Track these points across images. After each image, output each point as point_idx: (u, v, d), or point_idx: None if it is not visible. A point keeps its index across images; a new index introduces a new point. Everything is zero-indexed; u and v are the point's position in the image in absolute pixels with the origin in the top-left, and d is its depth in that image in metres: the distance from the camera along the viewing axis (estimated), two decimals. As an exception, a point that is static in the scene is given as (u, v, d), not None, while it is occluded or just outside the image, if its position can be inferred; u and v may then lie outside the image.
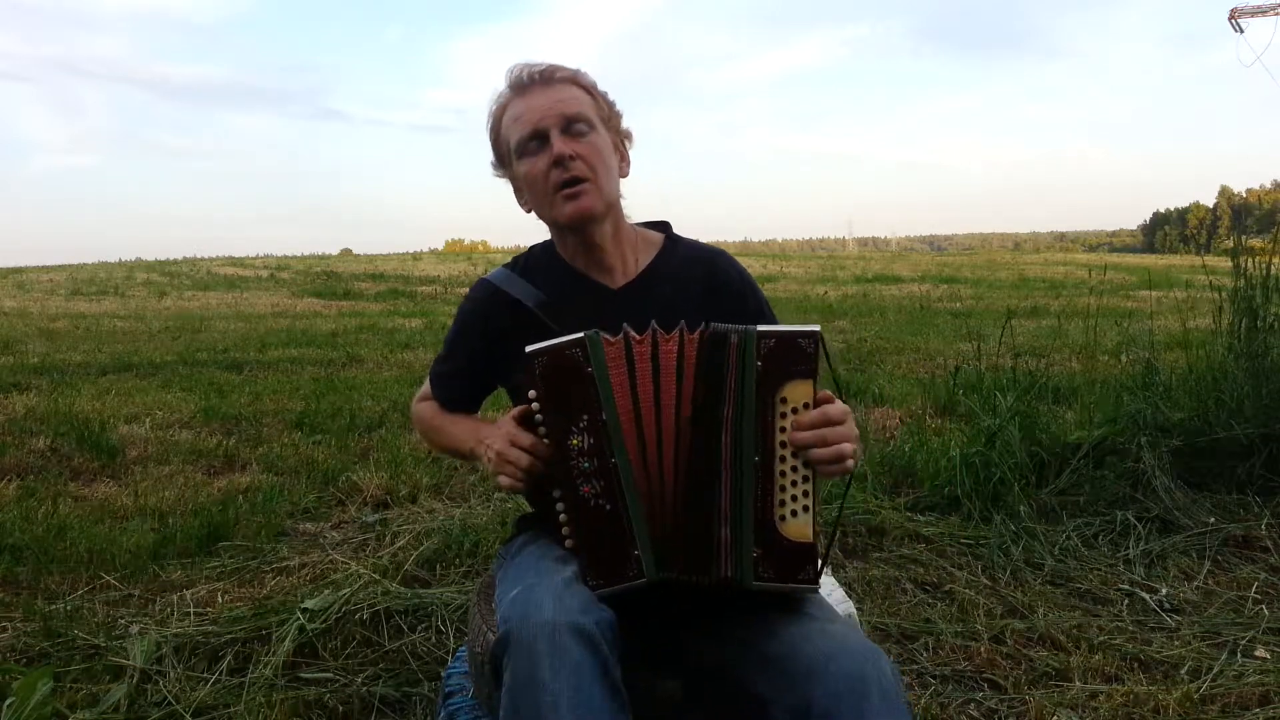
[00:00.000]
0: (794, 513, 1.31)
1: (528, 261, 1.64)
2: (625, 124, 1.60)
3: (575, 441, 1.31)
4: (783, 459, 1.31)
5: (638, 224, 1.65)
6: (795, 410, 1.31)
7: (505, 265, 1.65)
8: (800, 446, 1.30)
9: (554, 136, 1.48)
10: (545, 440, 1.36)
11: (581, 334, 1.32)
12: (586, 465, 1.31)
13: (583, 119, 1.50)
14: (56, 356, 7.97)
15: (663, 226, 1.67)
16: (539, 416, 1.36)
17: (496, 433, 1.44)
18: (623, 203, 1.60)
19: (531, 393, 1.35)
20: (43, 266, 27.66)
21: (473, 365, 1.65)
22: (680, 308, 1.41)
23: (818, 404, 1.32)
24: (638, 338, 1.34)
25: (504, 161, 1.58)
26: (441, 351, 1.70)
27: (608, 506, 1.31)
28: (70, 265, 28.64)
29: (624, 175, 1.59)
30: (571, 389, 1.31)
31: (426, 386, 1.73)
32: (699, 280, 1.59)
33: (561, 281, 1.58)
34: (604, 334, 1.34)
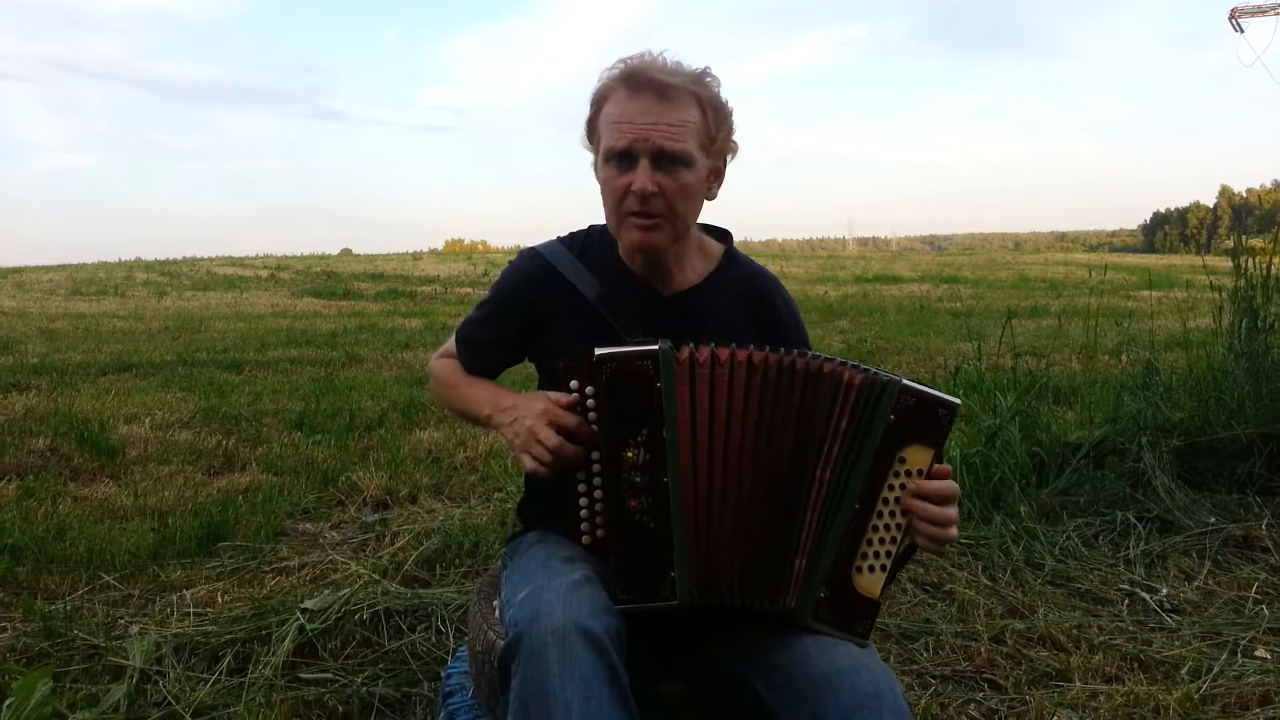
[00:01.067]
0: (871, 568, 1.30)
1: (585, 244, 1.57)
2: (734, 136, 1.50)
3: (630, 454, 1.29)
4: (879, 514, 1.30)
5: (700, 225, 1.59)
6: (910, 474, 1.30)
7: (561, 240, 1.59)
8: (918, 515, 1.29)
9: (642, 164, 1.39)
10: (595, 449, 1.32)
11: (655, 346, 1.29)
12: (638, 480, 1.29)
13: (681, 155, 1.40)
14: (56, 356, 7.96)
15: (724, 235, 1.62)
16: (595, 426, 1.33)
17: (530, 407, 1.38)
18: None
19: (589, 394, 1.33)
20: (42, 266, 27.64)
21: (508, 337, 1.58)
22: (731, 324, 1.38)
23: (933, 475, 1.30)
24: (701, 356, 1.30)
25: (593, 142, 1.49)
26: (475, 314, 1.62)
27: (652, 524, 1.29)
28: (70, 265, 28.62)
29: (711, 198, 1.51)
30: (636, 401, 1.29)
31: (450, 344, 1.66)
32: (751, 301, 1.57)
33: (615, 276, 1.53)
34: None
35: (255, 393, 6.11)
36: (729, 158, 1.52)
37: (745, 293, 1.58)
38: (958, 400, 1.30)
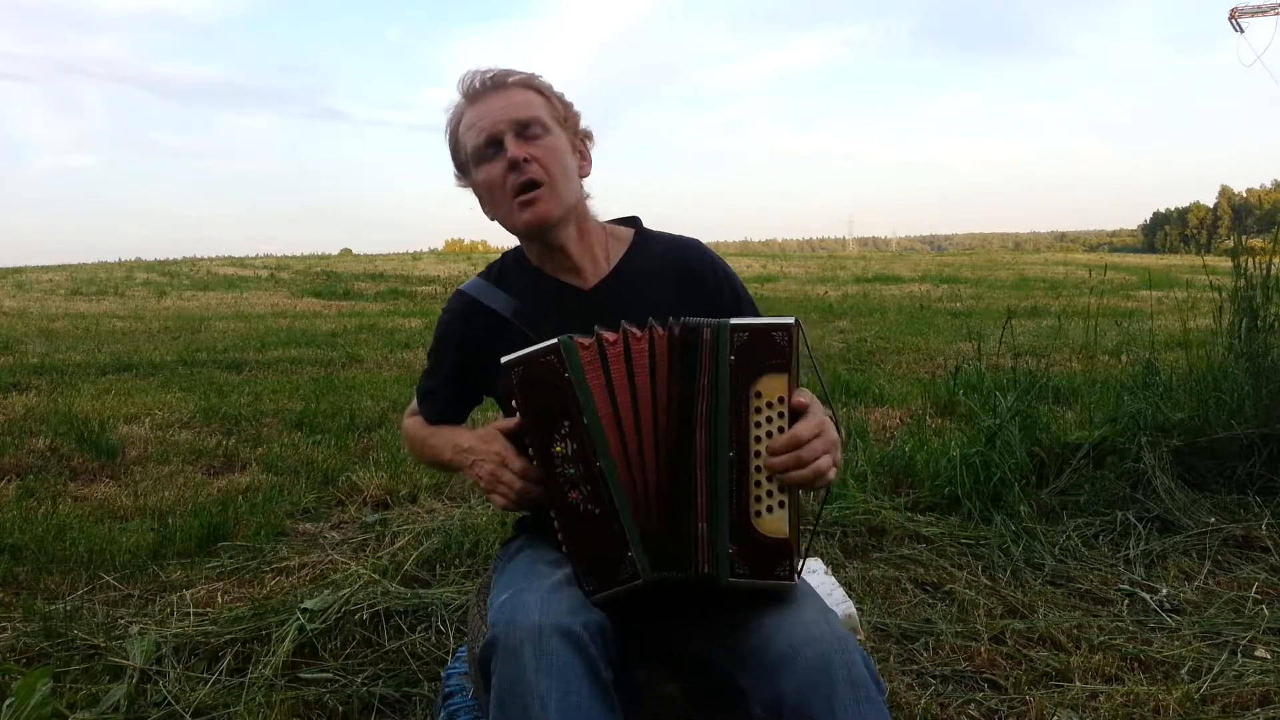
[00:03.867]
0: (769, 509, 1.29)
1: (501, 269, 1.64)
2: (584, 124, 1.60)
3: (559, 449, 1.30)
4: (756, 454, 1.29)
5: (607, 221, 1.64)
6: (770, 404, 1.29)
7: (479, 274, 1.64)
8: (775, 470, 1.28)
9: (508, 140, 1.47)
10: (530, 451, 1.35)
11: (555, 340, 1.31)
12: (572, 471, 1.30)
13: (537, 122, 1.49)
14: (56, 356, 7.97)
15: (632, 222, 1.66)
16: (522, 430, 1.35)
17: (485, 449, 1.44)
18: (589, 202, 1.59)
19: (512, 402, 1.35)
20: (42, 266, 27.65)
21: (455, 378, 1.64)
22: (656, 302, 1.40)
23: (793, 403, 1.28)
24: (610, 338, 1.33)
25: (464, 171, 1.57)
26: (426, 367, 1.70)
27: (597, 510, 1.30)
28: (70, 265, 28.64)
29: (585, 175, 1.58)
30: (550, 396, 1.30)
31: (415, 403, 1.73)
32: (673, 273, 1.58)
33: (533, 286, 1.57)
34: (577, 337, 1.32)
35: (255, 393, 6.11)
36: (589, 143, 1.60)
37: (667, 266, 1.59)
38: (790, 319, 1.29)
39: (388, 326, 11.51)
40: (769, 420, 1.29)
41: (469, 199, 1.59)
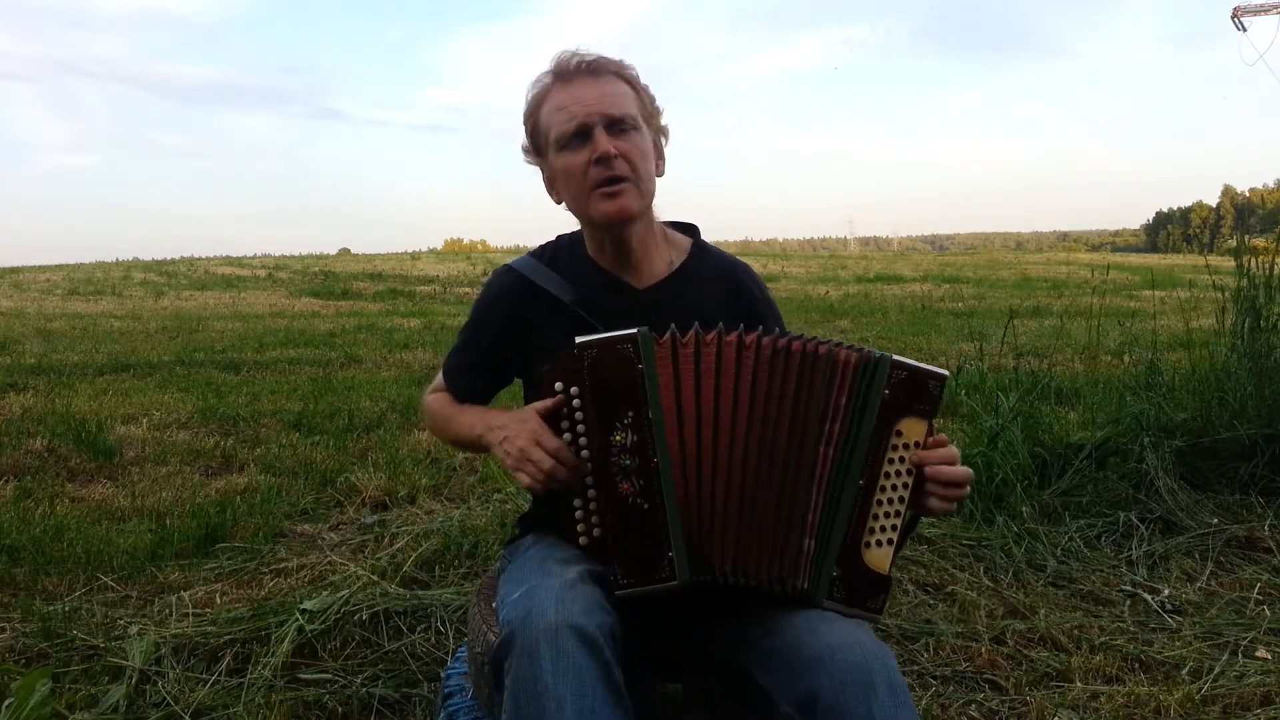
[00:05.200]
0: (879, 542, 1.32)
1: (554, 252, 1.61)
2: (664, 120, 1.57)
3: (618, 438, 1.30)
4: (883, 489, 1.32)
5: (665, 223, 1.63)
6: (907, 445, 1.32)
7: (531, 254, 1.62)
8: (935, 479, 1.33)
9: (597, 133, 1.45)
10: (583, 437, 1.34)
11: (634, 330, 1.31)
12: (628, 463, 1.30)
13: (628, 119, 1.47)
14: (53, 357, 7.95)
15: (691, 230, 1.66)
16: (579, 415, 1.34)
17: (520, 427, 1.39)
18: (654, 201, 1.57)
19: (573, 389, 1.33)
20: (40, 266, 27.63)
21: (492, 356, 1.61)
22: (703, 314, 1.39)
23: (930, 445, 1.34)
24: (683, 339, 1.33)
25: (540, 150, 1.54)
26: (457, 342, 1.65)
27: (645, 505, 1.30)
28: (67, 265, 28.61)
29: (660, 174, 1.56)
30: (620, 384, 1.30)
31: (439, 379, 1.68)
32: (723, 291, 1.59)
33: (587, 277, 1.56)
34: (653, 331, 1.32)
35: (253, 393, 6.10)
36: (664, 141, 1.57)
37: (719, 281, 1.60)
38: (946, 371, 1.34)
39: (386, 326, 11.49)
40: (901, 460, 1.33)
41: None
